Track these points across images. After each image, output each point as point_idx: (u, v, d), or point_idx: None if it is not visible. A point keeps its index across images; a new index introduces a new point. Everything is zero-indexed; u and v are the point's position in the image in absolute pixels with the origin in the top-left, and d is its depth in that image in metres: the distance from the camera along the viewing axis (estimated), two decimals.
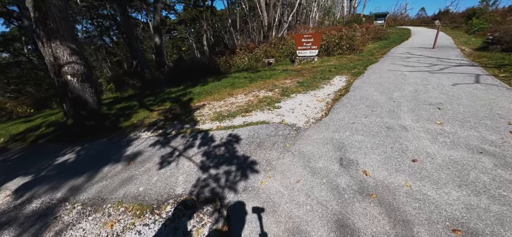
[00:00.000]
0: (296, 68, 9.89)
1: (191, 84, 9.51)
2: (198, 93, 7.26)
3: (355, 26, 15.31)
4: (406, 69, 7.32)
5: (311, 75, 7.92)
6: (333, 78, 7.14)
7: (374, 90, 5.35)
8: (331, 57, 11.94)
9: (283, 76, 8.31)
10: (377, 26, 18.96)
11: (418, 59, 8.91)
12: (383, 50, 12.42)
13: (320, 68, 8.89)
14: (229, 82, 8.21)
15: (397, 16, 46.16)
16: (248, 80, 8.25)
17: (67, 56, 5.98)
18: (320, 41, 10.56)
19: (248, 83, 7.77)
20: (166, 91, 8.72)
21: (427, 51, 10.89)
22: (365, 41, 15.10)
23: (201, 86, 8.28)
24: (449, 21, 30.27)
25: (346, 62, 9.74)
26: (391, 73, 6.90)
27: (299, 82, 6.99)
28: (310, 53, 10.72)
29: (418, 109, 4.09)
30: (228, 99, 6.41)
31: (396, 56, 10.20)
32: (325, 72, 8.06)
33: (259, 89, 6.87)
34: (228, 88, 7.50)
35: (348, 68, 8.33)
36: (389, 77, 6.43)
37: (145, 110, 6.41)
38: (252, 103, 5.65)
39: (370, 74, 7.05)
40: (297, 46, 10.81)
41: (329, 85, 6.39)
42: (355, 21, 18.79)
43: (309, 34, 10.56)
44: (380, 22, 24.09)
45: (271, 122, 4.35)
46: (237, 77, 9.01)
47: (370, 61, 9.41)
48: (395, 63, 8.39)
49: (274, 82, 7.55)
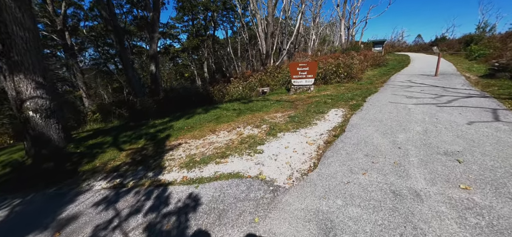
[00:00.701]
0: (290, 98, 9.08)
1: (179, 114, 8.72)
2: (179, 129, 6.42)
3: (353, 53, 14.74)
4: (409, 101, 6.41)
5: (305, 107, 7.06)
6: (328, 111, 6.25)
7: (375, 130, 4.40)
8: (329, 85, 11.17)
9: (275, 108, 7.47)
10: (375, 53, 18.43)
11: (421, 89, 8.03)
12: (382, 78, 11.63)
13: (316, 99, 8.05)
14: (216, 115, 7.38)
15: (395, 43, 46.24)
16: (236, 112, 7.42)
17: (30, 91, 5.26)
18: (316, 70, 9.85)
19: (235, 117, 6.92)
20: (150, 123, 7.92)
21: (429, 79, 10.04)
22: (364, 68, 14.41)
23: (185, 119, 7.46)
24: (446, 47, 29.84)
25: (343, 92, 8.91)
26: (393, 106, 5.99)
27: (290, 117, 6.11)
28: (306, 82, 9.96)
29: (431, 161, 3.11)
30: (209, 137, 5.52)
31: (397, 84, 9.35)
32: (320, 104, 7.20)
33: (245, 125, 6.00)
34: (212, 122, 6.65)
35: (345, 99, 7.47)
36: (391, 111, 5.50)
37: (115, 149, 5.54)
38: (232, 145, 4.74)
39: (369, 107, 6.15)
40: (292, 75, 10.10)
41: (323, 121, 5.48)
42: (353, 49, 18.32)
43: (304, 63, 9.88)
44: (378, 49, 23.69)
45: (245, 175, 3.41)
46: (226, 109, 8.20)
47: (369, 90, 8.56)
48: (396, 94, 7.50)
49: (263, 115, 6.69)
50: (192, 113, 8.53)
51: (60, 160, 5.25)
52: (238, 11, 23.74)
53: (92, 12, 23.93)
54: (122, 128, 7.84)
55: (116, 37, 12.26)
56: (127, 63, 12.73)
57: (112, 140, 6.27)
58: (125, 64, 12.92)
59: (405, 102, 6.38)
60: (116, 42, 12.49)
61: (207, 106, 9.72)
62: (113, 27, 11.99)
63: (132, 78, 13.04)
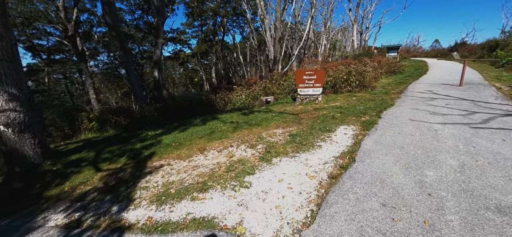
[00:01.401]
0: (295, 109, 8.17)
1: (175, 125, 8.04)
2: (166, 146, 5.68)
3: (366, 60, 13.60)
4: (434, 119, 5.34)
5: (310, 122, 6.14)
6: (336, 129, 5.30)
7: (394, 162, 3.44)
8: (339, 95, 10.15)
9: (276, 122, 6.60)
10: (390, 59, 17.12)
11: (446, 102, 6.88)
12: (399, 87, 10.45)
13: (323, 112, 7.10)
14: (210, 129, 6.61)
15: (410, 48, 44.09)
16: (233, 126, 6.62)
17: (2, 103, 4.72)
18: (324, 78, 8.89)
19: (230, 132, 6.12)
20: (142, 135, 7.28)
21: (454, 90, 8.80)
22: (378, 76, 13.23)
23: (178, 132, 6.74)
24: (468, 53, 27.75)
25: (355, 103, 7.89)
26: (415, 126, 4.95)
27: (291, 135, 5.22)
28: (313, 92, 9.02)
29: (480, 223, 2.13)
30: (195, 157, 4.74)
31: (416, 95, 8.21)
32: (328, 118, 6.25)
33: (239, 143, 5.17)
34: (204, 138, 5.88)
35: (357, 113, 6.48)
36: (412, 134, 4.49)
37: (92, 169, 4.88)
38: (218, 171, 3.92)
39: (385, 126, 5.14)
40: (298, 84, 9.19)
41: (329, 143, 4.55)
42: (366, 55, 17.11)
43: (311, 71, 8.95)
44: (393, 55, 22.26)
45: (221, 224, 2.57)
46: (223, 121, 7.42)
47: (384, 102, 7.50)
48: (417, 108, 6.42)
49: (261, 132, 5.84)
50: (189, 124, 7.82)
51: (31, 180, 4.65)
52: (247, 17, 23.11)
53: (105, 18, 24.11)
54: (112, 140, 7.25)
55: (119, 43, 11.89)
56: (129, 69, 12.31)
57: (94, 156, 5.63)
58: (128, 70, 12.52)
59: (429, 120, 5.32)
60: (119, 48, 12.11)
61: (207, 115, 8.99)
62: (116, 33, 11.62)
63: (135, 84, 12.60)
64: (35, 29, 21.33)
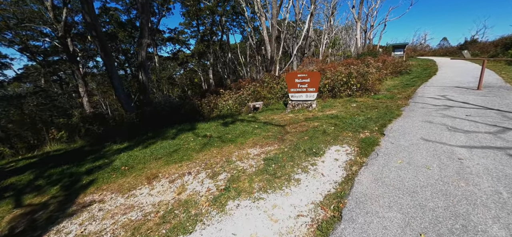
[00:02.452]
0: (283, 118, 6.91)
1: (145, 138, 6.94)
2: (113, 170, 4.53)
3: (369, 59, 12.17)
4: (455, 138, 4.00)
5: (296, 138, 4.89)
6: (325, 152, 4.04)
7: (401, 226, 2.18)
8: (337, 99, 8.83)
9: (255, 137, 5.36)
10: (395, 59, 15.59)
11: (465, 112, 5.51)
12: (406, 91, 9.04)
13: (314, 123, 5.83)
14: (176, 146, 5.43)
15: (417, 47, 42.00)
16: (203, 142, 5.43)
17: None
18: (318, 82, 7.59)
19: (197, 151, 4.93)
20: (103, 150, 6.21)
21: (471, 94, 7.36)
22: (382, 77, 11.81)
23: (138, 150, 5.59)
24: (479, 51, 25.80)
25: (354, 112, 6.58)
26: (430, 150, 3.64)
27: (266, 160, 3.99)
28: (307, 97, 7.74)
29: None
30: (138, 192, 3.58)
31: (427, 102, 6.83)
32: (318, 133, 4.98)
33: (200, 170, 3.98)
34: (163, 159, 4.71)
35: (355, 126, 5.18)
36: (428, 166, 3.18)
37: (11, 203, 3.78)
38: (149, 222, 2.74)
39: (389, 150, 3.84)
40: (289, 88, 7.93)
41: (312, 175, 3.30)
42: (370, 54, 15.60)
43: (304, 73, 7.67)
44: (399, 54, 20.64)
45: None
46: (196, 134, 6.25)
47: (389, 111, 6.17)
48: (431, 121, 5.07)
49: (233, 152, 4.62)
50: (160, 136, 6.69)
51: None
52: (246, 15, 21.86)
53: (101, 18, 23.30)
54: (69, 155, 6.18)
55: (99, 43, 10.85)
56: (112, 72, 11.26)
57: (28, 182, 4.54)
58: (110, 73, 11.48)
59: (448, 140, 3.99)
60: (100, 49, 11.09)
61: (185, 124, 7.83)
62: (96, 33, 10.59)
63: (118, 88, 11.54)
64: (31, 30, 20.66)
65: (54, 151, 7.17)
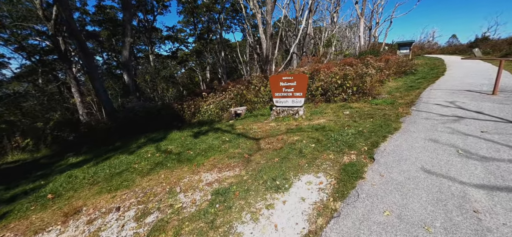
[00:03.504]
0: (263, 129, 5.92)
1: (112, 148, 6.12)
2: (36, 199, 3.65)
3: (368, 59, 10.96)
4: (468, 171, 2.93)
5: (264, 160, 3.90)
6: (292, 185, 3.04)
7: None
8: (330, 105, 7.77)
9: (219, 155, 4.40)
10: (400, 58, 14.27)
11: (480, 126, 4.38)
12: (409, 95, 7.88)
13: (293, 138, 4.81)
14: (126, 165, 4.52)
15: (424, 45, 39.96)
16: (157, 160, 4.50)
17: None
18: (306, 85, 6.54)
19: (142, 175, 4.00)
20: (55, 165, 5.40)
21: (486, 101, 6.17)
22: (384, 78, 10.62)
23: (84, 168, 4.70)
24: (491, 49, 24.02)
25: (345, 121, 5.53)
26: (433, 188, 2.59)
27: (215, 194, 3.02)
28: (293, 103, 6.71)
29: None
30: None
31: (433, 110, 5.69)
32: (294, 154, 3.98)
33: (131, 205, 3.06)
34: (99, 185, 3.80)
35: (340, 144, 4.14)
36: (430, 223, 2.13)
37: None
38: None
39: (377, 188, 2.80)
40: (273, 93, 6.91)
41: (261, 226, 2.32)
42: (372, 52, 14.32)
43: (289, 76, 6.63)
44: (404, 52, 19.22)
45: None
46: (158, 148, 5.33)
47: (386, 122, 5.09)
48: (436, 140, 3.97)
49: (182, 177, 3.68)
50: (120, 149, 5.84)
51: None
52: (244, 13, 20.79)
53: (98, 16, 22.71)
54: (18, 169, 5.39)
55: (77, 43, 10.07)
56: (92, 73, 10.48)
57: None
58: (90, 74, 10.71)
59: (458, 174, 2.93)
60: (79, 48, 10.31)
61: (157, 133, 6.95)
62: (71, 31, 9.81)
63: (100, 90, 10.76)
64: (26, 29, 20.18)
65: (11, 162, 6.41)
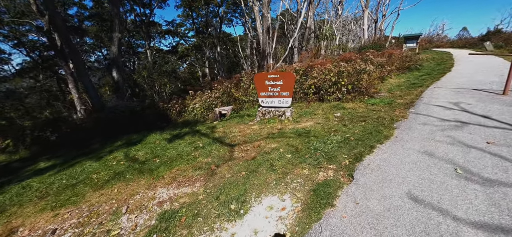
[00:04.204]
0: (245, 131, 5.39)
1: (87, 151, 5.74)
2: None
3: (368, 54, 10.18)
4: (466, 201, 2.32)
5: (231, 173, 3.39)
6: (249, 210, 2.52)
7: None
8: (323, 104, 7.16)
9: (184, 166, 3.90)
10: (405, 52, 13.35)
11: (485, 135, 3.72)
12: (410, 93, 7.19)
13: (273, 144, 4.28)
14: (86, 174, 4.10)
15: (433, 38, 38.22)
16: (116, 171, 4.05)
17: None
18: (292, 84, 5.94)
19: (97, 187, 3.55)
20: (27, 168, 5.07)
21: (496, 102, 5.45)
22: (385, 75, 9.87)
23: (44, 177, 4.31)
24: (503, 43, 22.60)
25: (333, 125, 4.95)
26: (419, 227, 2.03)
27: (160, 219, 2.54)
28: (279, 103, 6.14)
29: None
30: None
31: (433, 115, 5.01)
32: (264, 166, 3.44)
33: (69, 227, 2.61)
34: (46, 200, 3.37)
35: (320, 155, 3.58)
36: None
37: None
38: None
39: (346, 222, 2.25)
40: (259, 92, 6.35)
41: None
42: (374, 47, 13.44)
43: (275, 74, 6.04)
44: (411, 45, 18.19)
45: None
46: (128, 153, 4.88)
47: (378, 127, 4.48)
48: (432, 153, 3.34)
49: (135, 193, 3.21)
50: (91, 154, 5.44)
51: None
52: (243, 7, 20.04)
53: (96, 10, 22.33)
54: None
55: (60, 35, 9.71)
56: (80, 69, 10.13)
57: None
58: (77, 68, 10.37)
59: (453, 206, 2.34)
60: (64, 44, 9.95)
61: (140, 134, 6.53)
62: (55, 27, 9.44)
63: (88, 87, 10.42)
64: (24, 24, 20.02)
65: None
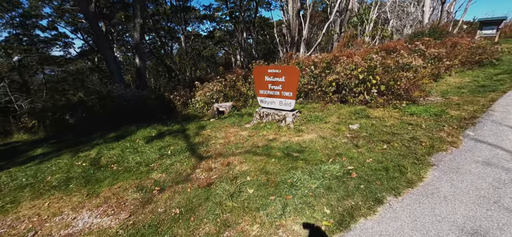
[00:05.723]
0: (228, 140, 4.39)
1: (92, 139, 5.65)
2: None
3: (418, 44, 7.71)
4: None
5: (164, 207, 2.49)
6: None
7: None
8: (344, 108, 5.61)
9: (133, 181, 3.16)
10: (477, 41, 10.02)
11: None
12: (474, 102, 5.02)
13: (242, 168, 3.20)
14: (46, 174, 3.74)
15: None
16: (69, 176, 3.55)
17: None
18: (296, 82, 4.58)
19: (35, 196, 3.09)
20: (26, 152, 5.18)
21: None
22: (442, 72, 7.47)
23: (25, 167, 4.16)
24: None
25: (340, 145, 3.57)
26: None
27: None
28: (280, 105, 4.89)
29: None
30: None
31: (506, 147, 3.11)
32: (208, 206, 2.42)
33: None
34: None
35: (289, 203, 2.39)
36: None
37: None
38: None
39: None
40: (257, 89, 5.19)
41: None
42: (432, 34, 10.38)
43: (276, 69, 4.76)
44: (489, 33, 14.00)
45: None
46: (99, 153, 4.43)
47: (401, 164, 2.94)
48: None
49: (57, 214, 2.60)
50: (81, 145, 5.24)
51: None
52: None
53: None
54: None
55: (90, 23, 10.02)
56: (106, 54, 10.43)
57: None
58: (104, 55, 10.72)
59: None
60: (92, 29, 10.29)
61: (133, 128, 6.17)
62: (83, 12, 9.73)
63: (115, 72, 10.75)
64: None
65: (6, 144, 6.65)
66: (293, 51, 13.32)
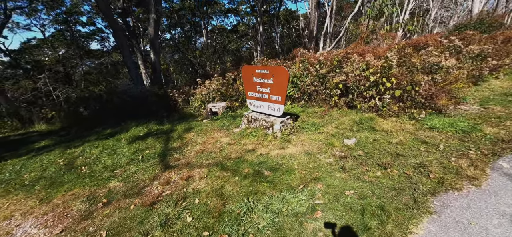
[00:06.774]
0: (205, 147, 4.01)
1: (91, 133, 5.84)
2: None
3: (453, 39, 6.29)
4: None
5: (95, 227, 2.23)
6: None
7: None
8: (350, 114, 4.84)
9: (81, 189, 2.99)
10: None
11: None
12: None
13: (197, 185, 2.80)
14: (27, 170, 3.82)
15: None
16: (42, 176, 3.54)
17: None
18: (286, 85, 3.95)
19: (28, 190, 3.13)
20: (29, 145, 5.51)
21: None
22: (485, 73, 6.08)
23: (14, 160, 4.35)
24: None
25: (323, 165, 2.94)
26: None
27: None
28: (269, 110, 4.34)
29: None
30: None
31: None
32: (129, 234, 2.11)
33: None
34: None
35: None
36: None
37: None
38: None
39: None
40: (246, 91, 4.70)
41: None
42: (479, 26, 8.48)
43: (265, 70, 4.19)
44: None
45: None
46: (83, 152, 4.42)
47: (386, 209, 2.23)
48: None
49: (4, 218, 2.53)
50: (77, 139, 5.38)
51: None
52: None
53: None
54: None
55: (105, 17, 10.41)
56: (123, 49, 10.80)
57: None
58: (121, 50, 11.10)
59: None
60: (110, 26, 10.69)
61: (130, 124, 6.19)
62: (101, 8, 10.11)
63: (131, 68, 11.14)
64: None
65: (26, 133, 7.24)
66: (310, 46, 12.36)
